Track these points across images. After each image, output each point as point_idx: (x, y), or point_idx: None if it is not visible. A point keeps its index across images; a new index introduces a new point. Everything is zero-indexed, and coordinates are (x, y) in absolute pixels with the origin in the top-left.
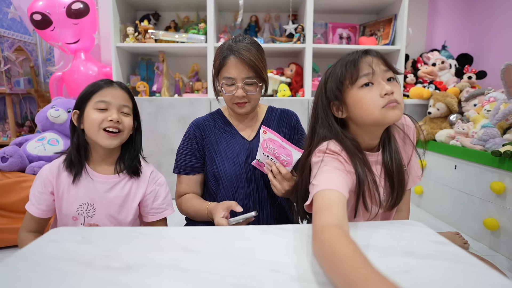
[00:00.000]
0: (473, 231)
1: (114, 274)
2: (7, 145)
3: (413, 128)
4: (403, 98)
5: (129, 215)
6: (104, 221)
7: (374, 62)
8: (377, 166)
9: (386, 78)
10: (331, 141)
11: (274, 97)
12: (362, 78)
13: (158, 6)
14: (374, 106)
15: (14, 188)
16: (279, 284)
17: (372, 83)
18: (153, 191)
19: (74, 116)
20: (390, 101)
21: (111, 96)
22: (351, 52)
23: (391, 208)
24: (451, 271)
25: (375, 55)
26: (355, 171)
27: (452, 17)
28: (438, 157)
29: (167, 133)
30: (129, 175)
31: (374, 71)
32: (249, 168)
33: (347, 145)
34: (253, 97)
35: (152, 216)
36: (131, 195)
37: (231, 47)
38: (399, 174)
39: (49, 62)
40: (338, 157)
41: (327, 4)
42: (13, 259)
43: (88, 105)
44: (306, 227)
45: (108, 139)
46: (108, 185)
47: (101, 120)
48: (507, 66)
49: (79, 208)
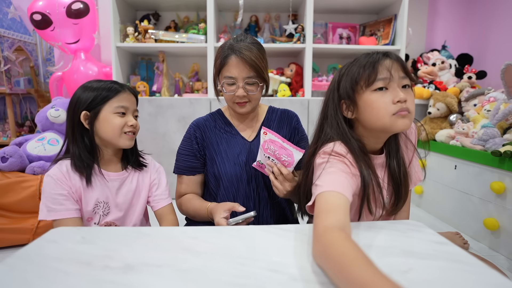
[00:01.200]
0: (473, 231)
1: (114, 274)
2: (7, 145)
3: (414, 130)
4: (415, 108)
5: (139, 209)
6: (117, 216)
7: (394, 67)
8: (381, 168)
9: (402, 85)
10: (337, 143)
11: (274, 97)
12: (378, 82)
13: (158, 6)
14: (385, 112)
15: (14, 188)
16: (279, 284)
17: (387, 88)
18: (156, 178)
19: (84, 117)
20: (402, 109)
21: (127, 101)
22: (371, 53)
23: (393, 212)
24: (451, 271)
25: (395, 59)
26: (360, 173)
27: (452, 17)
28: (438, 157)
29: (167, 133)
30: (135, 169)
31: (392, 76)
32: (250, 169)
33: (353, 147)
34: (254, 97)
35: (158, 203)
36: (139, 187)
37: (232, 47)
38: (405, 183)
39: (49, 62)
40: (344, 160)
41: (327, 4)
42: (13, 259)
43: (105, 109)
44: (306, 227)
45: (129, 140)
46: (119, 182)
47: (123, 125)
48: (507, 66)
49: (95, 207)
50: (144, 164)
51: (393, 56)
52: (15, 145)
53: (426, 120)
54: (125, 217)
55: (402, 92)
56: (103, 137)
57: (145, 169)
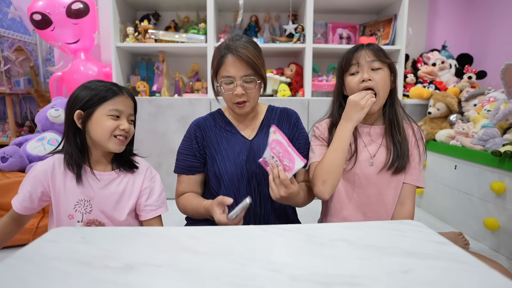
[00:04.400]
0: (473, 231)
1: (114, 274)
2: (7, 145)
3: (423, 141)
4: (384, 85)
5: (124, 213)
6: (100, 217)
7: (362, 55)
8: (379, 136)
9: (371, 68)
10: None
11: (274, 97)
12: (351, 67)
13: (158, 6)
14: (356, 90)
15: (14, 188)
16: (279, 284)
17: (358, 72)
18: (148, 187)
19: (77, 116)
20: (364, 87)
21: (123, 105)
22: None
23: (396, 171)
24: (451, 271)
25: (366, 48)
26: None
27: (452, 17)
28: (438, 157)
29: (167, 133)
30: (126, 171)
31: (359, 63)
32: (250, 167)
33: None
34: (252, 95)
35: (147, 214)
36: (127, 192)
37: (228, 46)
38: (403, 146)
39: (49, 62)
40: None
41: (327, 4)
42: (13, 259)
43: (99, 110)
44: (307, 227)
45: (119, 145)
46: (104, 182)
47: (114, 128)
48: (507, 66)
49: (76, 205)
50: (135, 165)
51: (366, 46)
52: (15, 145)
53: (426, 120)
54: (112, 219)
55: (370, 73)
56: (94, 138)
57: (138, 174)
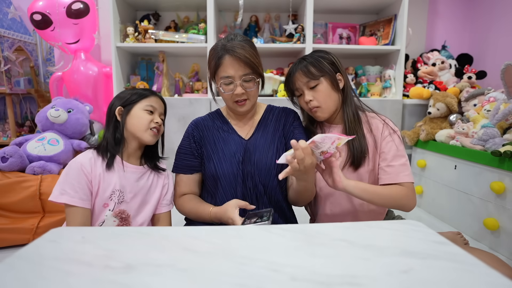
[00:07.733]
0: (473, 231)
1: (114, 274)
2: (7, 145)
3: (382, 126)
4: (326, 99)
5: (151, 206)
6: (130, 206)
7: (297, 78)
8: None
9: (310, 87)
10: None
11: (274, 97)
12: (295, 92)
13: (158, 6)
14: (306, 108)
15: (14, 188)
16: (279, 284)
17: (301, 94)
18: (166, 184)
19: (118, 111)
20: (311, 108)
21: (156, 103)
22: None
23: (355, 167)
24: (451, 271)
25: (299, 68)
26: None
27: (452, 17)
28: (438, 157)
29: (167, 133)
30: (151, 169)
31: (297, 87)
32: (246, 167)
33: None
34: (252, 93)
35: (163, 207)
36: (153, 185)
37: (225, 47)
38: (360, 143)
39: (49, 62)
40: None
41: (327, 4)
42: (13, 259)
43: (137, 106)
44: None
45: (153, 136)
46: (137, 174)
47: (150, 121)
48: (507, 66)
49: (112, 194)
50: (162, 168)
51: (298, 67)
52: (15, 145)
53: (426, 120)
54: (138, 211)
55: (310, 93)
56: (131, 130)
57: (161, 172)
